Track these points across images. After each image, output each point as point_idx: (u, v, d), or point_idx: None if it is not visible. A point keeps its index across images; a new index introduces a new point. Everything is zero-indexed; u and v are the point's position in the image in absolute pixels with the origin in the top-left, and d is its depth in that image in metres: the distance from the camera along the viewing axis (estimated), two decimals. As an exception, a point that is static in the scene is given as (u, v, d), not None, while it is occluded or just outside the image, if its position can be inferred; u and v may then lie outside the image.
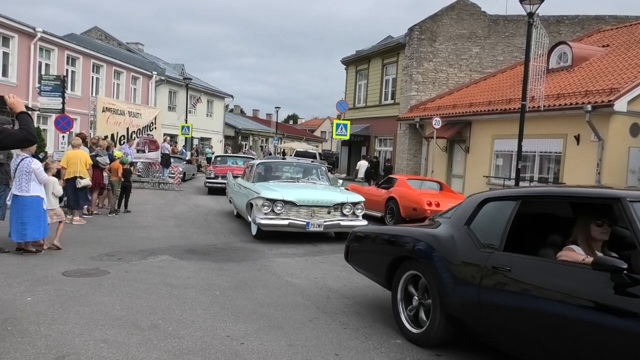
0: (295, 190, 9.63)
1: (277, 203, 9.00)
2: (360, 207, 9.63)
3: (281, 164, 12.48)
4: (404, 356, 4.35)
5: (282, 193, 9.20)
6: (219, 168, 19.15)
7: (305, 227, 9.06)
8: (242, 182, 11.49)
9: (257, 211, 9.20)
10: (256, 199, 9.28)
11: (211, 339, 4.49)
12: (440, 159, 21.09)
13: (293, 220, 9.07)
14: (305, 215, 9.18)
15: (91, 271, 6.64)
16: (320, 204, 9.25)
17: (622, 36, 19.18)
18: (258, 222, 9.09)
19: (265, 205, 9.03)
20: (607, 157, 14.01)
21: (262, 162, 11.50)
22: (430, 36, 24.31)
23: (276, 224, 9.05)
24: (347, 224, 9.22)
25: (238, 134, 50.44)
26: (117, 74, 28.58)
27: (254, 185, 10.22)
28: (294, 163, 12.84)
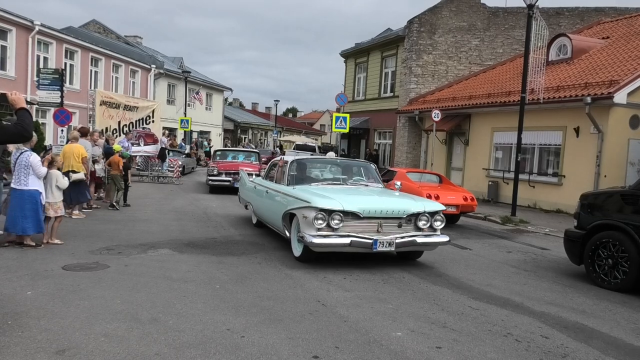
0: (353, 197, 7.46)
1: (335, 215, 6.82)
2: (439, 218, 7.45)
3: (321, 162, 10.09)
4: (404, 349, 4.36)
5: (340, 201, 6.95)
6: (223, 164, 17.49)
7: (371, 246, 6.82)
8: (272, 185, 9.07)
9: (307, 226, 6.97)
10: (304, 210, 7.05)
11: (211, 332, 4.50)
12: (439, 152, 21.09)
13: (356, 237, 6.83)
14: (370, 230, 7.01)
15: (91, 265, 6.65)
16: (389, 214, 7.09)
17: (622, 28, 19.13)
18: (309, 242, 6.78)
19: (319, 218, 6.78)
20: (606, 149, 14.01)
21: (298, 159, 9.09)
22: (430, 29, 24.22)
23: (334, 244, 6.83)
24: (424, 242, 7.25)
25: (237, 127, 50.37)
26: (115, 67, 28.48)
27: (295, 190, 7.87)
28: (337, 160, 10.22)
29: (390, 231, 7.08)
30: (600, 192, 8.01)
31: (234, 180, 16.00)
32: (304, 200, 7.21)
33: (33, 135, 4.70)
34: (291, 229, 7.67)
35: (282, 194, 8.23)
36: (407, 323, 4.99)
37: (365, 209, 7.00)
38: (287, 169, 8.67)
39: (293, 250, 7.62)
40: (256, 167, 16.52)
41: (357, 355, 4.17)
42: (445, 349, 4.40)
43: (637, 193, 6.80)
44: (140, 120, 23.73)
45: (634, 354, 4.59)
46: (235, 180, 15.90)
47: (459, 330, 4.87)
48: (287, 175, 8.56)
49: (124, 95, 25.95)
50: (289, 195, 7.89)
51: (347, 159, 11.09)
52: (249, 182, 10.77)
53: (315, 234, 6.83)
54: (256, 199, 9.90)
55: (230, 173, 16.51)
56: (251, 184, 10.54)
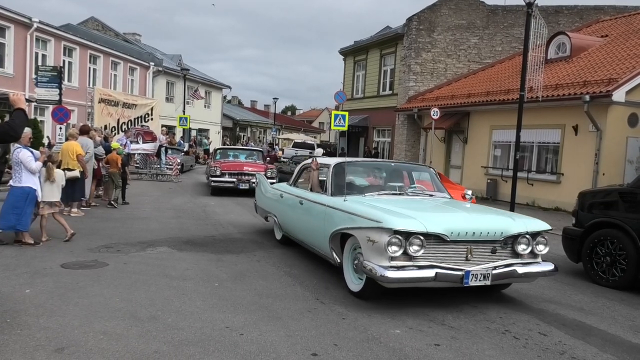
0: (433, 213, 5.83)
1: (415, 239, 5.13)
2: (543, 240, 5.76)
3: (371, 166, 8.18)
4: (403, 346, 4.37)
5: (421, 220, 5.24)
6: (226, 164, 16.06)
7: (462, 280, 5.19)
8: (308, 195, 7.33)
9: (374, 253, 5.25)
10: (371, 232, 5.30)
11: (210, 330, 4.50)
12: (438, 150, 21.10)
13: (442, 269, 5.17)
14: (457, 258, 5.33)
15: (90, 263, 6.65)
16: (483, 237, 5.39)
17: (620, 26, 19.13)
18: (381, 275, 5.02)
19: (393, 243, 5.09)
20: (605, 147, 14.03)
21: (342, 162, 7.22)
22: (429, 26, 24.22)
23: (414, 278, 5.11)
24: (525, 272, 5.53)
25: (236, 125, 50.33)
26: (114, 64, 28.43)
27: (349, 203, 6.10)
28: (390, 164, 8.23)
29: (481, 258, 5.41)
30: (599, 190, 8.03)
31: (238, 181, 15.26)
32: (369, 218, 5.43)
33: (20, 136, 4.75)
34: (344, 254, 6.07)
35: (327, 208, 6.48)
36: (405, 320, 5.00)
37: (454, 229, 5.28)
38: (330, 175, 6.97)
39: (347, 282, 5.93)
40: (261, 167, 15.82)
41: (355, 353, 4.18)
42: (443, 346, 4.41)
43: (635, 191, 6.81)
44: (139, 118, 23.71)
45: (631, 350, 4.61)
46: (239, 181, 15.26)
47: (457, 327, 4.89)
48: (331, 183, 6.88)
49: (122, 92, 25.91)
50: (339, 210, 6.14)
51: (402, 162, 9.07)
52: (272, 189, 9.04)
53: (388, 265, 5.11)
54: (284, 211, 8.18)
55: (234, 174, 15.44)
56: (275, 191, 8.78)
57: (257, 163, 16.89)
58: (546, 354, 4.38)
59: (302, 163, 8.69)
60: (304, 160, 21.87)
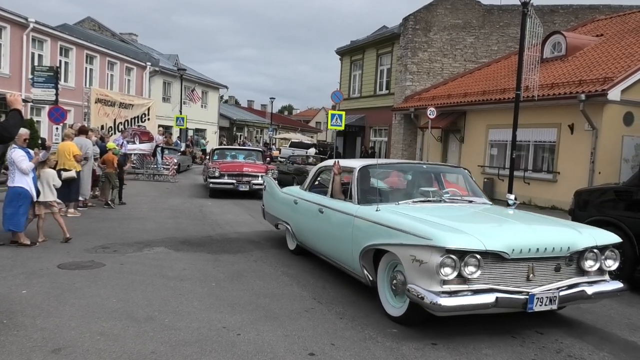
0: (486, 226, 5.17)
1: (471, 259, 4.37)
2: (612, 255, 5.04)
3: (401, 169, 7.26)
4: (400, 345, 4.38)
5: (477, 236, 4.49)
6: (225, 164, 15.46)
7: (525, 305, 4.48)
8: (328, 202, 6.52)
9: (422, 275, 4.49)
10: (417, 250, 4.53)
11: (207, 330, 4.50)
12: (435, 149, 21.13)
13: (502, 293, 4.44)
14: (517, 278, 4.58)
15: (86, 263, 6.64)
16: (547, 253, 4.63)
17: (615, 25, 19.19)
18: (433, 303, 4.28)
19: (446, 264, 4.34)
20: (600, 146, 14.08)
21: (368, 165, 6.42)
22: (425, 26, 24.24)
23: (471, 305, 4.36)
24: (596, 292, 4.81)
25: (233, 124, 50.27)
26: (110, 64, 28.39)
27: (384, 214, 5.28)
28: (422, 166, 7.27)
29: (544, 278, 4.67)
30: (595, 188, 8.06)
31: (237, 182, 14.85)
32: (415, 234, 4.62)
33: (15, 136, 4.78)
34: (378, 272, 5.28)
35: (355, 218, 5.64)
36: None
37: (515, 245, 4.50)
38: (355, 180, 6.11)
39: (384, 305, 5.14)
40: (261, 168, 15.42)
41: (353, 352, 4.18)
42: (440, 345, 4.42)
43: (631, 189, 6.84)
44: (135, 118, 23.65)
45: (627, 348, 4.63)
46: (239, 182, 14.88)
47: (454, 326, 4.90)
48: (357, 189, 6.02)
49: (119, 92, 25.84)
50: (372, 222, 5.31)
51: (433, 164, 7.67)
52: (283, 193, 8.16)
53: (439, 290, 4.34)
54: (299, 220, 7.34)
55: (234, 175, 14.96)
56: (287, 196, 7.91)
57: (256, 164, 16.36)
58: (543, 353, 4.39)
59: (318, 165, 7.78)
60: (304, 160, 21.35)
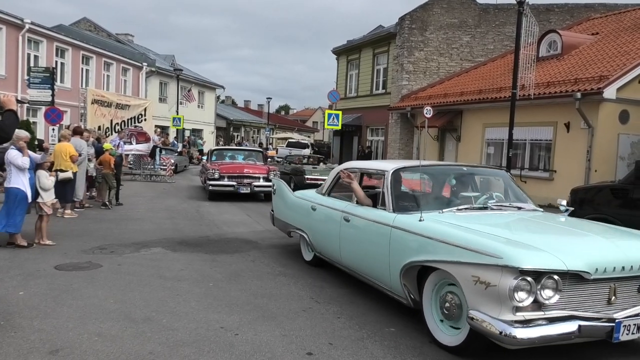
0: (560, 240, 4.42)
1: (548, 280, 3.72)
2: None
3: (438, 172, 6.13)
4: (398, 344, 4.39)
5: (556, 254, 3.81)
6: (224, 166, 14.87)
7: (611, 334, 3.85)
8: (357, 210, 5.69)
9: (490, 302, 3.80)
10: (483, 271, 3.84)
11: (205, 331, 4.51)
12: (431, 148, 21.16)
13: (585, 320, 3.81)
14: (597, 301, 3.95)
15: (83, 265, 6.63)
16: (633, 272, 3.98)
17: (611, 24, 19.25)
18: (503, 333, 3.66)
19: (521, 288, 3.68)
20: (597, 144, 14.12)
21: (402, 167, 5.69)
22: (421, 25, 24.27)
23: (553, 335, 3.73)
24: None
25: (230, 125, 50.25)
26: (107, 65, 28.33)
27: (432, 225, 4.57)
28: (462, 169, 6.35)
29: (627, 300, 4.01)
30: (591, 186, 8.11)
31: (238, 184, 14.23)
32: (478, 250, 3.92)
33: (11, 137, 4.78)
34: (423, 292, 4.59)
35: (393, 229, 4.90)
36: (400, 319, 5.02)
37: (598, 264, 3.84)
38: (389, 185, 5.33)
39: (432, 330, 4.49)
40: (263, 169, 14.83)
41: (350, 351, 4.20)
42: (438, 344, 4.43)
43: (626, 187, 6.88)
44: (132, 119, 23.62)
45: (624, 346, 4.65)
46: (240, 184, 14.24)
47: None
48: (391, 195, 5.27)
49: (115, 93, 25.79)
50: (416, 234, 4.60)
51: (473, 165, 7.06)
52: (296, 198, 7.35)
53: (512, 319, 3.68)
54: (318, 228, 6.63)
55: (234, 177, 14.36)
56: (302, 202, 7.13)
57: (257, 165, 15.67)
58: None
59: (339, 168, 6.86)
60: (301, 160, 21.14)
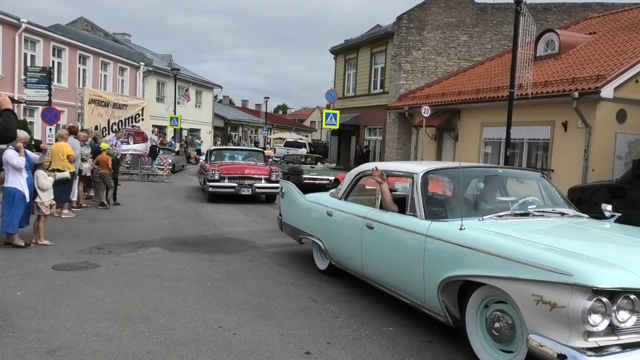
0: (625, 251, 4.02)
1: (624, 300, 3.29)
2: None
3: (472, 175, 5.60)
4: (396, 343, 4.39)
5: (632, 270, 3.36)
6: (225, 166, 14.27)
7: None
8: (382, 216, 5.18)
9: (557, 325, 3.35)
10: (548, 289, 3.38)
11: (203, 330, 4.51)
12: (429, 148, 21.17)
13: None
14: None
15: (81, 264, 6.62)
16: None
17: (608, 23, 19.27)
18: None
19: (596, 310, 3.20)
20: (594, 143, 14.13)
21: (433, 169, 5.27)
22: (419, 25, 24.27)
23: None
24: None
25: (227, 124, 50.22)
26: (104, 65, 28.28)
27: (487, 238, 4.02)
28: (497, 171, 5.96)
29: None
30: (588, 185, 8.13)
31: (239, 186, 13.74)
32: (541, 266, 3.45)
33: (16, 136, 4.74)
34: (467, 310, 4.13)
35: (428, 239, 4.41)
36: (398, 318, 5.03)
37: None
38: (418, 189, 4.84)
39: (479, 354, 4.03)
40: (265, 170, 14.38)
41: (348, 351, 4.20)
42: (436, 343, 4.44)
43: (623, 186, 6.90)
44: (129, 119, 23.58)
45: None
46: (241, 186, 13.77)
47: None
48: (422, 201, 4.77)
49: (112, 93, 25.75)
50: (457, 245, 4.10)
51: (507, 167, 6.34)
52: (308, 202, 6.85)
53: (584, 347, 3.25)
54: (336, 235, 6.06)
55: (235, 178, 13.84)
56: (315, 206, 6.61)
57: (258, 165, 15.17)
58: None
59: (356, 170, 6.35)
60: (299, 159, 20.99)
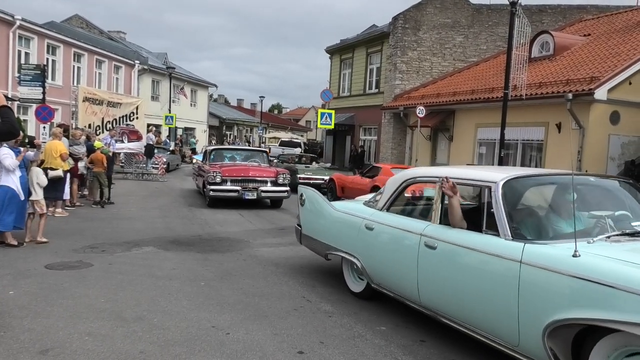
0: None
1: None
2: None
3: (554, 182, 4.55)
4: (389, 343, 4.41)
5: None
6: (227, 168, 13.03)
7: None
8: (454, 237, 4.21)
9: None
10: None
11: (196, 330, 4.50)
12: (424, 148, 21.21)
13: None
14: None
15: (74, 264, 6.60)
16: None
17: (603, 25, 19.37)
18: None
19: None
20: (587, 144, 14.21)
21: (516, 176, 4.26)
22: (414, 25, 24.32)
23: None
24: None
25: (222, 123, 50.12)
26: (98, 63, 28.17)
27: (618, 265, 3.07)
28: (590, 179, 5.00)
29: None
30: (581, 187, 8.14)
31: (243, 189, 12.47)
32: None
33: (20, 133, 4.70)
34: None
35: (525, 266, 3.52)
36: (391, 318, 5.04)
37: None
38: (501, 201, 3.94)
39: None
40: (271, 172, 13.15)
41: (341, 350, 4.21)
42: (429, 342, 4.45)
43: (616, 188, 6.92)
44: (124, 117, 23.54)
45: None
46: (245, 189, 12.50)
47: (444, 324, 4.92)
48: (506, 216, 3.88)
49: (107, 91, 25.66)
50: (577, 278, 3.18)
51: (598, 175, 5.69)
52: (339, 212, 5.86)
53: None
54: (382, 254, 5.11)
55: (238, 180, 12.59)
56: (350, 218, 5.64)
57: (263, 167, 13.95)
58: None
59: (402, 177, 5.38)
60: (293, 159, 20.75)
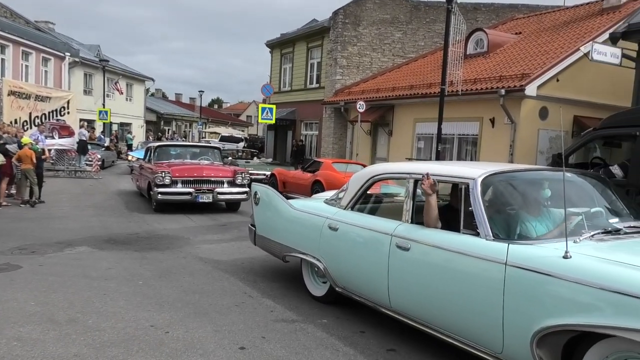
0: None
1: None
2: None
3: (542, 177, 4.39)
4: (330, 335, 4.44)
5: None
6: (177, 167, 11.57)
7: None
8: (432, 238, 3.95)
9: None
10: None
11: (134, 330, 4.37)
12: (364, 142, 21.49)
13: None
14: None
15: (1, 266, 6.24)
16: None
17: (533, 24, 20.27)
18: None
19: None
20: (519, 138, 14.84)
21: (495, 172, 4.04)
22: (354, 20, 24.55)
23: None
24: None
25: (160, 118, 48.83)
26: (25, 54, 26.69)
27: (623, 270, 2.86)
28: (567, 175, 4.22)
29: None
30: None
31: (196, 191, 11.14)
32: None
33: None
34: None
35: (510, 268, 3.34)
36: (333, 310, 5.08)
37: None
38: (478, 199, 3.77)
39: None
40: (228, 172, 11.83)
41: (283, 344, 4.20)
42: (368, 333, 4.52)
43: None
44: (53, 112, 22.42)
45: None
46: (199, 191, 11.17)
47: (382, 315, 5.01)
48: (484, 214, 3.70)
49: (35, 84, 24.36)
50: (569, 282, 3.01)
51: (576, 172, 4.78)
52: (299, 212, 5.55)
53: None
54: (347, 256, 4.82)
55: (191, 182, 11.21)
56: (311, 217, 5.33)
57: (217, 165, 12.58)
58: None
59: (368, 172, 5.09)
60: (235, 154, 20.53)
